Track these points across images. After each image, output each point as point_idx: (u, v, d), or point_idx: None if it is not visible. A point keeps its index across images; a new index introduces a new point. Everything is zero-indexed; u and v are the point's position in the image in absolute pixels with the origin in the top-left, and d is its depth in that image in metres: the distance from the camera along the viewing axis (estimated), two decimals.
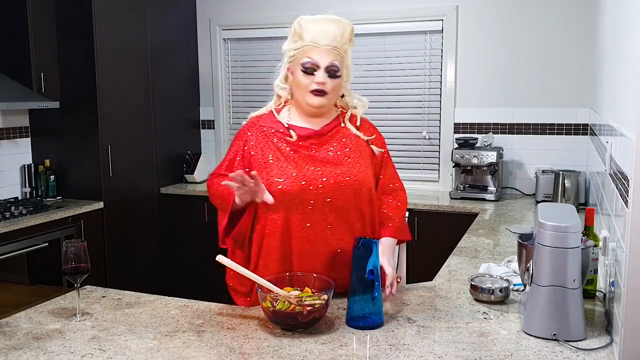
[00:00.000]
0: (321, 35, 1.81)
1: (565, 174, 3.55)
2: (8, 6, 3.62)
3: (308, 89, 1.81)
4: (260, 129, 1.90)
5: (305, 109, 1.87)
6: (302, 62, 1.81)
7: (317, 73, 1.80)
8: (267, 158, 1.84)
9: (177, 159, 4.53)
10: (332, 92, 1.83)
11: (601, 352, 1.45)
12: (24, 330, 1.62)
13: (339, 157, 1.86)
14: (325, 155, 1.85)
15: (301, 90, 1.84)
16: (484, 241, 2.73)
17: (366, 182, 1.86)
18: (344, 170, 1.84)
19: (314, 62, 1.80)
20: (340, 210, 1.82)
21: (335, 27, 1.83)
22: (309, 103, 1.83)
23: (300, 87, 1.84)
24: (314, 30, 1.82)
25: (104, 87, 3.81)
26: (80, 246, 1.67)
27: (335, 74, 1.81)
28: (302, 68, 1.81)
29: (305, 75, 1.81)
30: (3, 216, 3.29)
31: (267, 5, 4.46)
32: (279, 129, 1.88)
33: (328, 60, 1.80)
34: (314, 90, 1.81)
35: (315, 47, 1.81)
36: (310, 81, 1.80)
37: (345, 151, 1.87)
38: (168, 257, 4.38)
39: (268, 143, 1.87)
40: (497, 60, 3.94)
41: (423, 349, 1.48)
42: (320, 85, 1.80)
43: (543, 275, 1.50)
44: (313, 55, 1.80)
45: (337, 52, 1.82)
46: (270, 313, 1.57)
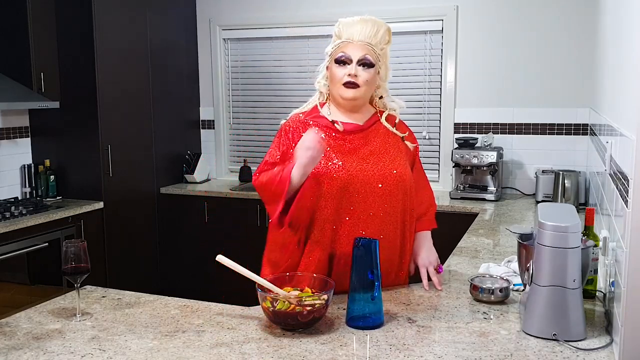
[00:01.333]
0: (356, 33, 1.90)
1: (565, 174, 3.55)
2: (8, 6, 3.62)
3: (341, 82, 1.88)
4: (304, 123, 1.94)
5: (340, 102, 1.94)
6: (336, 56, 1.90)
7: (350, 65, 1.87)
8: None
9: (177, 159, 4.53)
10: (364, 85, 1.89)
11: (601, 352, 1.45)
12: (24, 330, 1.62)
13: (380, 151, 1.92)
14: (369, 148, 1.92)
15: (335, 83, 1.91)
16: (484, 241, 2.73)
17: (406, 175, 1.93)
18: (387, 163, 1.90)
19: (346, 56, 1.88)
20: (384, 202, 1.87)
21: (370, 25, 1.91)
22: (342, 95, 1.90)
23: (334, 80, 1.91)
24: (350, 29, 1.91)
25: (104, 87, 3.81)
26: (80, 246, 1.67)
27: (367, 66, 1.88)
28: (335, 61, 1.89)
29: (338, 67, 1.89)
30: (3, 216, 3.29)
31: (267, 5, 4.46)
32: (323, 123, 1.93)
33: (360, 54, 1.88)
34: (346, 82, 1.87)
35: (349, 42, 1.89)
36: (343, 73, 1.87)
37: (386, 146, 1.94)
38: (168, 257, 4.38)
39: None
40: (497, 60, 3.94)
41: (423, 349, 1.48)
42: (352, 78, 1.86)
43: (543, 275, 1.50)
44: (346, 50, 1.89)
45: (371, 48, 1.89)
46: (270, 313, 1.57)
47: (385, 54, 1.95)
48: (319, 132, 1.85)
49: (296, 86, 4.47)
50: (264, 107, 4.63)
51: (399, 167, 1.91)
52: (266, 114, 4.62)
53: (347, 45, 1.89)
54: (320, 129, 1.91)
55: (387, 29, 1.96)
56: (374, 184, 1.86)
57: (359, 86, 1.87)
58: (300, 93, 4.43)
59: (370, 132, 1.95)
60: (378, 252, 1.63)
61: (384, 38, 1.93)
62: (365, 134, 1.94)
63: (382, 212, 1.88)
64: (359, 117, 1.96)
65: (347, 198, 1.85)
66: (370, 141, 1.93)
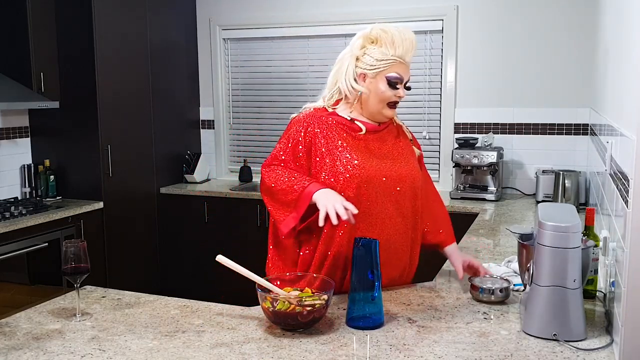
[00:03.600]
0: (407, 52, 1.89)
1: (565, 174, 3.55)
2: (8, 6, 3.62)
3: (387, 101, 1.90)
4: (321, 118, 1.92)
5: (376, 117, 1.94)
6: (388, 75, 1.88)
7: (400, 87, 1.89)
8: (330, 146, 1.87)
9: (177, 159, 4.53)
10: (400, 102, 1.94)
11: (601, 352, 1.45)
12: (24, 330, 1.62)
13: (394, 153, 1.94)
14: (383, 150, 1.93)
15: (380, 100, 1.90)
16: (484, 241, 2.73)
17: (418, 178, 1.95)
18: (402, 165, 1.92)
19: (400, 78, 1.89)
20: (398, 202, 1.89)
21: (414, 41, 1.91)
22: (385, 115, 1.93)
23: (380, 97, 1.89)
24: (402, 46, 1.87)
25: (104, 87, 3.81)
26: (80, 246, 1.67)
27: (408, 87, 1.93)
28: (388, 81, 1.88)
29: (389, 89, 1.88)
30: (3, 216, 3.29)
31: (267, 5, 4.46)
32: (341, 122, 1.92)
33: (408, 76, 1.92)
34: (391, 102, 1.90)
35: (401, 63, 1.88)
36: (392, 94, 1.89)
37: (399, 148, 1.96)
38: (168, 257, 4.38)
39: (332, 132, 1.89)
40: (497, 60, 3.94)
41: (423, 349, 1.48)
42: (399, 99, 1.91)
43: (543, 275, 1.50)
44: (400, 72, 1.89)
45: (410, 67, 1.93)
46: (270, 313, 1.57)
47: None
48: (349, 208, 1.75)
49: (296, 86, 4.47)
50: (264, 107, 4.63)
51: (413, 169, 1.94)
52: (266, 114, 4.62)
53: (400, 65, 1.88)
54: (338, 127, 1.90)
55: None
56: (392, 184, 1.88)
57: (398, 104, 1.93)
58: (300, 93, 4.44)
59: (385, 133, 1.97)
60: (378, 252, 1.63)
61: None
62: (381, 135, 1.95)
63: (397, 212, 1.89)
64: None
65: (365, 197, 1.84)
66: (385, 142, 1.95)
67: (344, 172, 1.84)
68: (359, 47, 1.89)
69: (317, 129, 1.90)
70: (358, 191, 1.84)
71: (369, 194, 1.85)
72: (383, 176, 1.87)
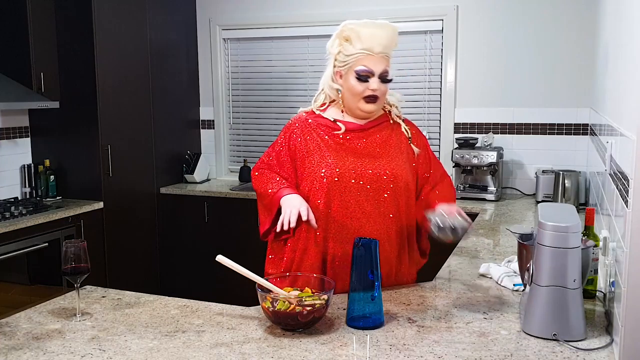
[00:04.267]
0: (375, 43, 1.85)
1: (565, 174, 3.55)
2: (8, 6, 3.62)
3: (361, 96, 1.88)
4: (305, 121, 1.98)
5: (356, 113, 1.94)
6: (356, 69, 1.86)
7: (371, 80, 1.86)
8: (310, 147, 1.93)
9: (177, 159, 4.53)
10: (382, 96, 1.91)
11: (601, 352, 1.45)
12: (24, 330, 1.62)
13: (378, 152, 1.92)
14: (366, 148, 1.92)
15: (354, 96, 1.90)
16: (484, 241, 2.73)
17: (402, 177, 1.91)
18: (382, 164, 1.90)
19: (369, 70, 1.86)
20: (377, 202, 1.88)
21: (387, 33, 1.89)
22: (362, 109, 1.91)
23: (353, 93, 1.89)
24: (367, 37, 1.86)
25: (104, 87, 3.81)
26: (80, 246, 1.67)
27: (387, 79, 1.89)
28: (357, 75, 1.86)
29: (359, 83, 1.87)
30: (3, 216, 3.29)
31: (267, 5, 4.46)
32: (323, 123, 1.95)
33: (381, 68, 1.87)
34: (367, 96, 1.87)
35: (369, 55, 1.85)
36: (364, 88, 1.87)
37: (385, 147, 1.94)
38: (168, 257, 4.38)
39: (312, 134, 1.94)
40: (497, 60, 3.94)
41: (423, 349, 1.48)
42: (374, 92, 1.87)
43: (543, 275, 1.50)
44: (368, 64, 1.86)
45: (388, 59, 1.89)
46: (270, 313, 1.57)
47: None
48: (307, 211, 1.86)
49: (296, 86, 4.47)
50: (264, 107, 4.63)
51: (395, 168, 1.91)
52: (266, 114, 4.62)
53: (368, 58, 1.85)
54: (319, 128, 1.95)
55: (398, 32, 1.94)
56: (369, 183, 1.87)
57: (378, 98, 1.89)
58: (300, 93, 4.44)
59: (371, 132, 1.95)
60: (378, 252, 1.63)
61: (396, 43, 1.93)
62: (365, 133, 1.94)
63: (377, 212, 1.88)
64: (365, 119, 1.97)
65: (337, 195, 1.87)
66: (370, 141, 1.94)
67: (318, 171, 1.88)
68: (336, 46, 1.92)
69: (300, 133, 1.96)
70: (329, 191, 1.86)
71: (342, 192, 1.86)
72: (357, 175, 1.87)
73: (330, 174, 1.86)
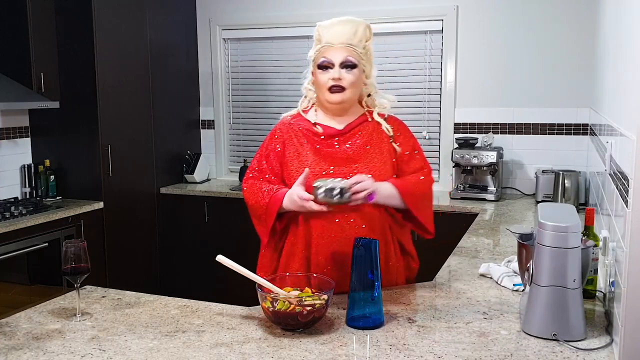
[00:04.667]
0: (335, 36, 1.90)
1: (565, 174, 3.55)
2: (8, 6, 3.62)
3: (326, 87, 1.89)
4: (289, 126, 1.99)
5: (328, 107, 1.95)
6: (318, 62, 1.91)
7: (333, 69, 1.88)
8: (291, 153, 1.95)
9: (177, 159, 4.53)
10: (350, 87, 1.90)
11: (601, 352, 1.45)
12: (24, 330, 1.62)
13: (357, 154, 1.92)
14: (344, 151, 1.92)
15: (321, 89, 1.92)
16: (484, 241, 2.73)
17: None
18: (361, 166, 1.90)
19: (328, 60, 1.89)
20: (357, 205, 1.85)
21: (349, 26, 1.92)
22: (328, 100, 1.92)
23: (319, 86, 1.93)
24: (329, 32, 1.92)
25: (104, 87, 3.81)
26: (80, 246, 1.67)
27: (350, 67, 1.88)
28: (319, 67, 1.91)
29: (321, 72, 1.90)
30: (3, 216, 3.29)
31: (267, 5, 4.46)
32: (305, 127, 1.97)
33: (342, 57, 1.88)
34: (331, 86, 1.88)
35: (330, 46, 1.90)
36: (327, 78, 1.88)
37: (365, 148, 1.93)
38: (168, 257, 4.38)
39: (293, 140, 1.96)
40: (497, 60, 3.94)
41: (423, 349, 1.48)
42: (336, 81, 1.87)
43: (543, 275, 1.50)
44: (328, 54, 1.90)
45: (352, 49, 1.89)
46: (270, 313, 1.57)
47: (368, 52, 1.95)
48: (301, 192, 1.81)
49: (296, 86, 4.43)
50: (264, 107, 4.63)
51: (374, 169, 1.90)
52: (266, 114, 4.62)
53: (328, 49, 1.90)
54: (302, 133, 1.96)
55: (367, 27, 1.95)
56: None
57: (344, 89, 1.88)
58: (300, 93, 4.41)
59: (351, 135, 1.94)
60: (378, 252, 1.63)
61: (365, 36, 1.93)
62: (345, 137, 1.94)
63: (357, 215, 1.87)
64: (345, 119, 1.97)
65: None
66: (350, 145, 1.93)
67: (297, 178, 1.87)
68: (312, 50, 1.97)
69: (284, 138, 1.98)
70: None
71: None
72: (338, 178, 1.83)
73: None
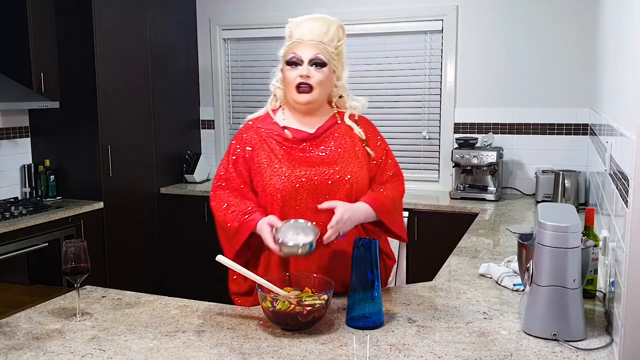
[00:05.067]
0: (305, 32, 1.85)
1: (565, 174, 3.55)
2: (8, 6, 3.62)
3: (294, 84, 1.83)
4: (257, 131, 1.92)
5: (295, 107, 1.89)
6: (287, 58, 1.85)
7: (302, 67, 1.82)
8: (262, 159, 1.86)
9: (177, 159, 4.53)
10: (319, 87, 1.84)
11: (601, 352, 1.45)
12: (24, 330, 1.62)
13: (332, 158, 1.87)
14: (318, 155, 1.86)
15: (288, 87, 1.86)
16: (484, 241, 2.73)
17: (359, 182, 1.87)
18: (337, 170, 1.85)
19: (297, 57, 1.83)
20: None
21: (320, 24, 1.87)
22: (295, 100, 1.86)
23: (287, 83, 1.86)
24: (299, 29, 1.87)
25: (104, 87, 3.81)
26: (80, 246, 1.67)
27: (319, 66, 1.83)
28: (287, 63, 1.85)
29: (290, 69, 1.84)
30: (3, 216, 3.29)
31: (267, 5, 4.46)
32: (275, 131, 1.90)
33: (312, 54, 1.83)
34: (299, 84, 1.82)
35: (299, 43, 1.85)
36: (295, 75, 1.83)
37: (338, 151, 1.88)
38: (168, 257, 4.38)
39: (263, 145, 1.89)
40: (497, 60, 3.94)
41: (423, 349, 1.48)
42: (305, 79, 1.82)
43: (543, 275, 1.50)
44: (297, 51, 1.84)
45: (323, 47, 1.84)
46: (270, 313, 1.57)
47: (340, 53, 1.90)
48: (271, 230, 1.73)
49: None
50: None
51: (351, 173, 1.85)
52: None
53: (298, 45, 1.84)
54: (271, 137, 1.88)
55: (339, 26, 1.90)
56: (320, 193, 1.81)
57: (312, 88, 1.82)
58: None
59: (323, 138, 1.89)
60: (378, 252, 1.63)
61: (337, 35, 1.88)
62: (317, 141, 1.88)
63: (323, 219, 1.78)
64: (315, 121, 1.90)
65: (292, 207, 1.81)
66: (324, 148, 1.88)
67: (271, 185, 1.82)
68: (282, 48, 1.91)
69: (253, 143, 1.89)
70: (284, 202, 1.82)
71: (298, 204, 1.81)
72: (312, 183, 1.81)
73: (284, 187, 1.80)
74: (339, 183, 1.83)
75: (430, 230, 3.60)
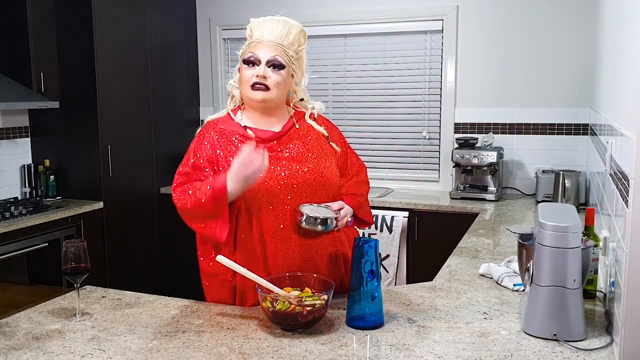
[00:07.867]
0: (266, 32, 1.84)
1: (565, 174, 3.55)
2: (8, 6, 3.62)
3: (249, 83, 1.81)
4: (220, 132, 1.88)
5: (250, 105, 1.87)
6: (245, 57, 1.84)
7: (259, 67, 1.81)
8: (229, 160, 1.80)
9: (177, 159, 4.44)
10: (275, 88, 1.81)
11: (601, 352, 1.45)
12: (24, 330, 1.62)
13: (302, 155, 1.85)
14: (289, 154, 1.85)
15: (243, 85, 1.84)
16: (484, 241, 2.73)
17: (332, 178, 1.88)
18: (310, 168, 1.84)
19: (255, 57, 1.81)
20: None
21: (281, 26, 1.87)
22: (250, 97, 1.83)
23: (243, 82, 1.84)
24: (260, 29, 1.87)
25: (104, 87, 3.81)
26: (80, 246, 1.67)
27: (277, 68, 1.81)
28: (244, 62, 1.83)
29: (247, 68, 1.83)
30: (3, 216, 3.29)
31: (267, 6, 4.45)
32: (238, 132, 1.87)
33: (270, 55, 1.81)
34: (254, 83, 1.80)
35: (259, 43, 1.83)
36: (251, 74, 1.81)
37: (307, 148, 1.87)
38: (168, 257, 4.38)
39: (229, 145, 1.85)
40: (497, 60, 3.94)
41: (423, 349, 1.48)
42: (261, 79, 1.79)
43: (543, 275, 1.50)
44: (255, 50, 1.83)
45: (282, 50, 1.82)
46: (270, 313, 1.57)
47: (300, 58, 1.88)
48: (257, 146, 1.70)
49: None
50: None
51: (324, 170, 1.85)
52: None
53: (257, 45, 1.83)
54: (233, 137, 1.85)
55: (301, 31, 1.89)
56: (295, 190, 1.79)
57: (268, 88, 1.80)
58: None
59: (288, 136, 1.88)
60: (378, 252, 1.63)
61: (298, 40, 1.87)
62: (284, 139, 1.87)
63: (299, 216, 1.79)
64: (275, 121, 1.89)
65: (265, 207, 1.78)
66: (289, 147, 1.86)
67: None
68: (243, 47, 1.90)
69: (220, 142, 1.85)
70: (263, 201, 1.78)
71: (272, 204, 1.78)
72: (287, 182, 1.79)
73: (259, 187, 1.76)
74: (312, 180, 1.82)
75: (430, 230, 3.60)
